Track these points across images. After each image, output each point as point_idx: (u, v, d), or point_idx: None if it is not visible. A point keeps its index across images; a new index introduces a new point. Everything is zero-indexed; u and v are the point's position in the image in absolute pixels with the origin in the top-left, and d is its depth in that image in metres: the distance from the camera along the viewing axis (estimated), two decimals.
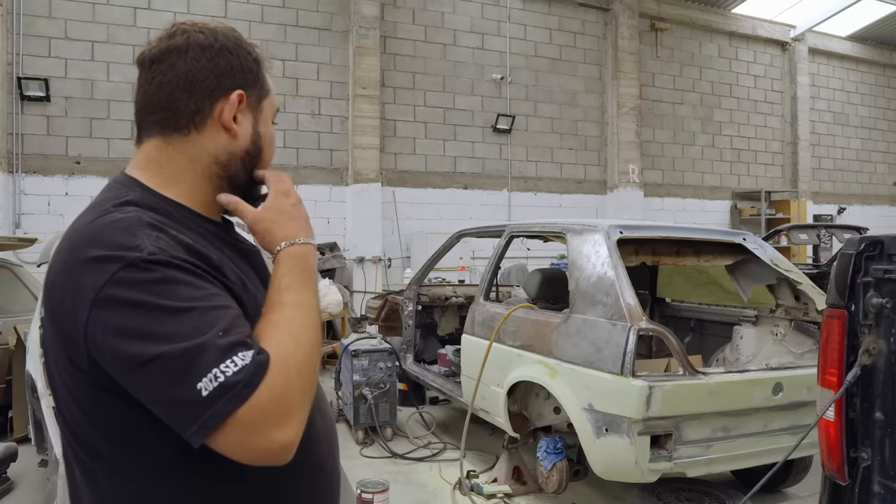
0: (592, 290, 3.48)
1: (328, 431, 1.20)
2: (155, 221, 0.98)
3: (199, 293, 0.93)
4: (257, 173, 1.17)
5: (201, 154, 1.10)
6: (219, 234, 1.13)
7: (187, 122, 1.08)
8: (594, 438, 3.20)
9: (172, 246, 0.95)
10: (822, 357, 1.61)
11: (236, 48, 1.13)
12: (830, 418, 1.53)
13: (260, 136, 1.15)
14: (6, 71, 8.13)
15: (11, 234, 7.90)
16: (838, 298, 1.55)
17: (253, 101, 1.14)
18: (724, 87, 13.28)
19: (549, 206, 11.38)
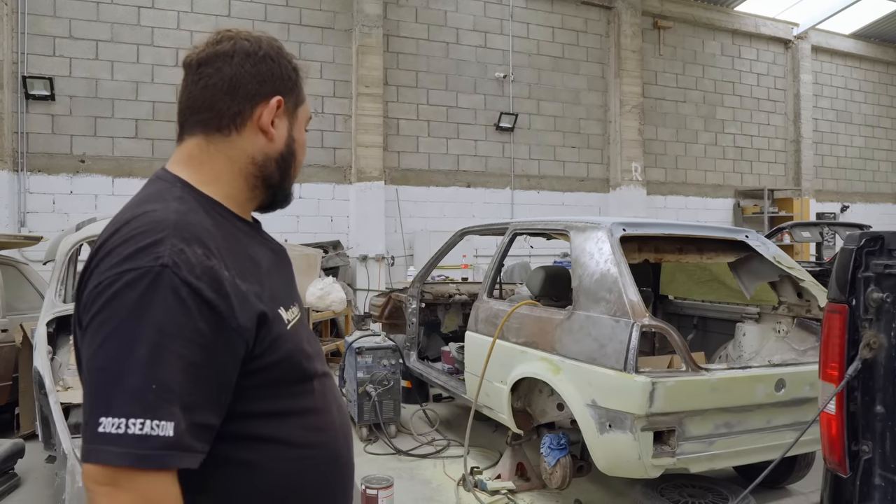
0: (595, 287, 3.50)
1: (344, 423, 1.26)
2: (186, 231, 1.01)
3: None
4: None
5: (240, 154, 1.16)
6: (250, 232, 1.20)
7: (229, 123, 1.15)
8: (597, 434, 3.22)
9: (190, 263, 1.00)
10: (824, 351, 1.62)
11: (278, 57, 1.20)
12: (832, 412, 1.55)
13: (294, 141, 1.22)
14: (11, 70, 8.16)
15: (17, 232, 7.94)
16: (839, 293, 1.57)
17: (290, 107, 1.21)
18: (726, 85, 13.28)
19: (551, 204, 11.39)
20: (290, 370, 1.11)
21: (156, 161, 8.92)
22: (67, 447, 3.14)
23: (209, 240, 1.02)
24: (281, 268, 1.23)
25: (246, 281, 1.05)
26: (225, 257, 1.03)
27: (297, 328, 1.15)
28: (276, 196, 1.23)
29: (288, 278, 1.25)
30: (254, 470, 1.05)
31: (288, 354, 1.10)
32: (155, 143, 8.97)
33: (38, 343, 3.92)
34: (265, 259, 1.17)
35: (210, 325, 0.96)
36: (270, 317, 1.07)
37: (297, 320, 1.16)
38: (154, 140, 8.97)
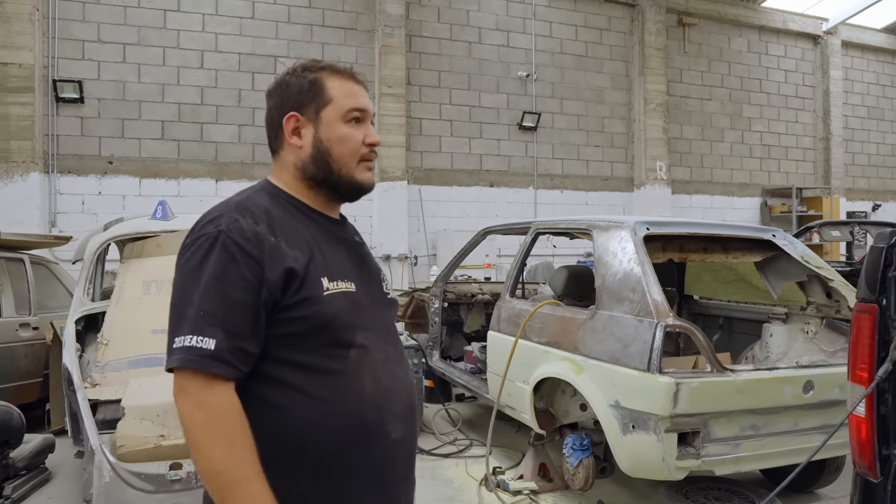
0: (619, 287, 3.46)
1: (378, 395, 1.35)
2: (246, 205, 1.34)
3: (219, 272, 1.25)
4: None
5: (288, 165, 1.45)
6: (325, 223, 1.44)
7: (275, 146, 1.47)
8: (621, 435, 3.19)
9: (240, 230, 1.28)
10: (853, 352, 1.58)
11: (293, 77, 1.45)
12: (861, 414, 1.51)
13: (322, 141, 1.41)
14: (42, 74, 8.33)
15: (47, 232, 8.10)
16: (869, 293, 1.53)
17: (311, 115, 1.41)
18: (753, 82, 13.08)
19: (575, 203, 11.31)
20: (321, 330, 1.29)
21: (181, 162, 9.04)
22: (95, 443, 3.19)
23: (262, 214, 1.32)
24: (349, 252, 1.45)
25: (291, 246, 1.30)
26: (275, 227, 1.31)
27: (340, 298, 1.32)
28: (336, 188, 1.44)
29: (356, 262, 1.44)
30: (281, 412, 1.27)
31: (318, 314, 1.28)
32: (181, 144, 9.09)
33: (67, 341, 3.99)
34: (327, 240, 1.40)
35: (252, 273, 1.24)
36: (301, 275, 1.28)
37: (342, 292, 1.32)
38: (180, 141, 9.09)
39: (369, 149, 1.44)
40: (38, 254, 6.18)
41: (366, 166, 1.45)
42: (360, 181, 1.44)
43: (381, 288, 1.51)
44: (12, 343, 5.19)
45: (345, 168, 1.42)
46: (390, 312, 1.53)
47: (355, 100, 1.44)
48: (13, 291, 5.38)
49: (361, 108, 1.44)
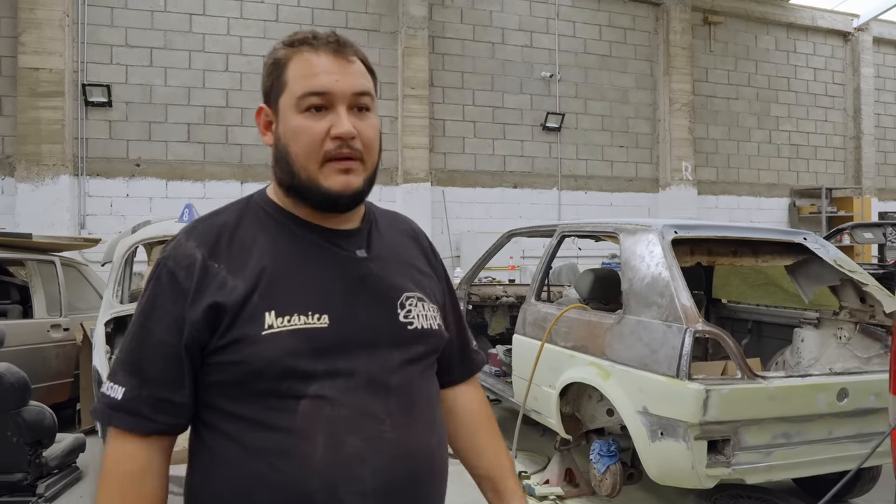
0: (646, 291, 3.42)
1: (332, 464, 1.04)
2: (199, 225, 1.15)
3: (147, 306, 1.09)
4: None
5: (271, 167, 1.19)
6: (305, 235, 1.14)
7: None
8: (649, 442, 3.14)
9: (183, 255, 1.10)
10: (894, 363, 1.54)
11: (266, 59, 1.18)
12: None
13: (279, 137, 1.12)
14: (72, 78, 8.46)
15: (77, 234, 8.23)
16: None
17: (274, 106, 1.14)
18: (781, 80, 12.86)
19: (599, 204, 11.22)
20: (256, 378, 1.03)
21: (207, 164, 9.13)
22: None
23: (211, 233, 1.11)
24: (339, 275, 1.12)
25: (233, 273, 1.07)
26: (220, 250, 1.09)
27: (286, 338, 1.03)
28: (302, 196, 1.13)
29: (348, 286, 1.12)
30: (219, 462, 1.07)
31: (250, 359, 1.02)
32: (206, 146, 9.18)
33: (96, 342, 4.05)
34: (304, 260, 1.11)
35: (178, 308, 1.05)
36: (232, 311, 1.03)
37: (292, 331, 1.04)
38: (205, 144, 9.18)
39: (338, 144, 1.08)
40: (68, 255, 6.27)
41: (336, 168, 1.10)
42: (326, 188, 1.10)
43: (390, 318, 1.15)
44: (44, 344, 5.28)
45: (303, 171, 1.10)
46: (405, 350, 1.14)
47: (312, 80, 1.09)
48: (45, 293, 5.47)
49: (320, 91, 1.08)
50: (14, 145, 8.24)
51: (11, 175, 8.23)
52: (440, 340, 1.22)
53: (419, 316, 1.18)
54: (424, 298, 1.21)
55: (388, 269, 1.19)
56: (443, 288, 1.33)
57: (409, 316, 1.17)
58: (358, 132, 1.10)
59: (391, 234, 1.26)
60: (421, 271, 1.27)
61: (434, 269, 1.32)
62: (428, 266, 1.31)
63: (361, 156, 1.11)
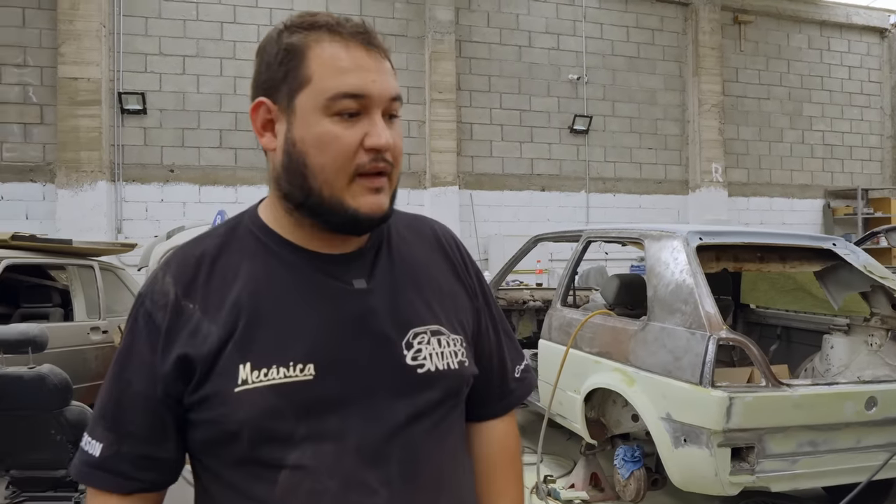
0: (671, 298, 3.43)
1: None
2: (178, 255, 0.98)
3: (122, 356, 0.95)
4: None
5: (270, 174, 0.98)
6: (296, 264, 0.96)
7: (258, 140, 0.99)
8: (672, 448, 3.16)
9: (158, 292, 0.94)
10: None
11: (268, 44, 0.96)
12: None
13: (294, 143, 0.91)
14: (108, 87, 8.72)
15: (114, 238, 8.47)
16: None
17: (283, 103, 0.92)
18: (814, 79, 12.65)
19: (628, 206, 11.17)
20: (229, 442, 0.89)
21: (238, 169, 9.31)
22: None
23: (188, 265, 0.94)
24: (334, 313, 0.94)
25: (208, 315, 0.91)
26: (196, 286, 0.93)
27: (261, 396, 0.87)
28: (319, 216, 0.94)
29: (345, 327, 0.94)
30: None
31: (222, 420, 0.88)
32: (238, 152, 9.37)
33: None
34: (292, 297, 0.94)
35: (153, 354, 0.91)
36: (203, 363, 0.89)
37: (270, 386, 0.88)
38: (237, 149, 9.37)
39: (373, 157, 0.91)
40: (106, 260, 6.47)
41: (367, 186, 0.92)
42: (353, 210, 0.92)
43: (393, 362, 0.95)
44: (84, 346, 5.46)
45: (327, 187, 0.91)
46: (412, 400, 0.95)
47: (347, 79, 0.90)
48: (84, 297, 5.65)
49: (357, 93, 0.90)
50: (54, 152, 8.52)
51: (52, 181, 8.51)
52: (461, 381, 1.02)
53: (432, 355, 0.97)
54: (442, 330, 1.00)
55: (394, 300, 0.98)
56: (475, 305, 1.11)
57: (419, 357, 0.96)
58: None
59: (408, 249, 1.05)
60: (442, 291, 1.05)
61: (464, 281, 1.10)
62: (455, 280, 1.08)
63: (391, 171, 0.94)
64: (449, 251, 1.11)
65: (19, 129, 8.53)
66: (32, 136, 8.57)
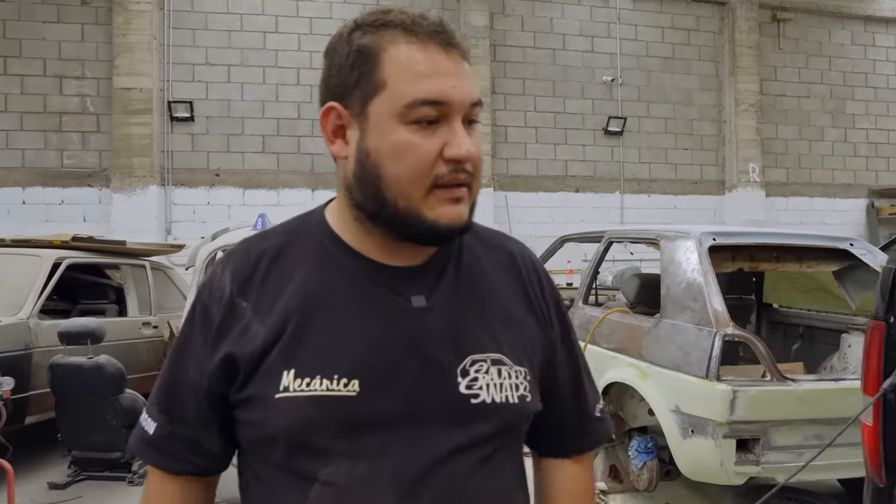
0: (682, 296, 3.57)
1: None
2: (240, 249, 0.97)
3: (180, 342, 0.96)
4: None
5: (340, 181, 0.93)
6: (355, 274, 0.92)
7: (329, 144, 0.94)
8: (681, 439, 3.31)
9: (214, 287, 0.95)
10: (865, 366, 1.70)
11: (338, 43, 0.90)
12: (869, 423, 1.63)
13: (367, 152, 0.86)
14: (159, 96, 9.20)
15: (164, 240, 8.94)
16: (878, 311, 1.65)
17: (356, 109, 0.87)
18: (858, 76, 12.41)
19: (663, 207, 11.18)
20: (269, 446, 0.88)
21: (280, 173, 9.70)
22: None
23: (249, 261, 0.93)
24: (387, 328, 0.89)
25: (259, 315, 0.90)
26: (253, 283, 0.92)
27: (301, 406, 0.85)
28: (393, 227, 0.89)
29: (395, 343, 0.89)
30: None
31: (262, 424, 0.87)
32: (280, 156, 9.75)
33: None
34: (350, 306, 0.90)
35: (207, 348, 0.91)
36: (247, 364, 0.88)
37: (311, 397, 0.85)
38: (279, 154, 9.75)
39: (452, 167, 0.85)
40: (156, 260, 6.88)
41: (446, 197, 0.87)
42: (431, 221, 0.86)
43: (446, 389, 0.89)
44: (136, 339, 5.86)
45: (402, 199, 0.86)
46: (463, 430, 0.89)
47: (426, 85, 0.85)
48: (136, 294, 6.06)
49: (437, 100, 0.84)
50: (110, 159, 9.04)
51: (107, 186, 9.03)
52: (519, 416, 0.94)
53: (490, 385, 0.90)
54: (504, 360, 0.93)
55: (454, 322, 0.92)
56: (549, 336, 1.02)
57: (474, 386, 0.90)
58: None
59: (479, 269, 0.99)
60: (510, 319, 0.97)
61: (537, 310, 1.02)
62: (527, 308, 1.00)
63: (471, 181, 0.89)
64: (524, 275, 1.03)
65: (78, 138, 9.08)
66: (90, 143, 9.11)
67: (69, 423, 4.57)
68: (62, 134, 9.05)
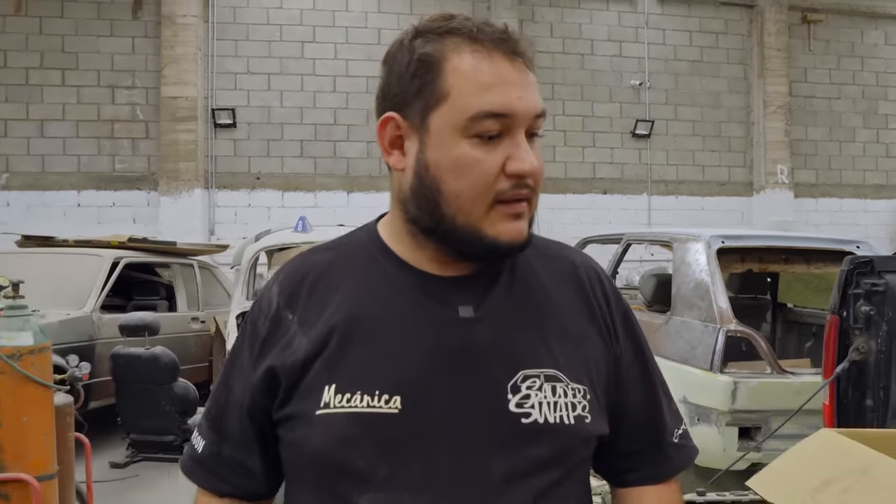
0: (690, 295, 3.84)
1: None
2: (293, 263, 0.96)
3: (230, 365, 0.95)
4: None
5: (394, 193, 0.90)
6: (406, 285, 0.88)
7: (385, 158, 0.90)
8: (687, 428, 3.58)
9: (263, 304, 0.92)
10: (824, 354, 1.96)
11: (398, 52, 0.87)
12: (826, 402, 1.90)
13: (427, 166, 0.83)
14: (203, 104, 9.70)
15: (207, 240, 9.44)
16: (834, 306, 1.91)
17: (416, 120, 0.84)
18: (891, 76, 12.34)
19: (690, 209, 11.29)
20: (308, 470, 0.85)
21: (318, 177, 10.13)
22: None
23: (300, 274, 0.91)
24: (434, 342, 0.84)
25: (304, 327, 0.86)
26: (300, 297, 0.89)
27: (341, 423, 0.80)
28: (450, 243, 0.85)
29: (443, 359, 0.83)
30: None
31: (301, 444, 0.83)
32: (317, 160, 10.18)
33: (229, 333, 4.93)
34: (401, 319, 0.86)
35: (251, 358, 0.89)
36: (289, 378, 0.84)
37: (351, 414, 0.80)
38: (316, 158, 10.18)
39: (514, 182, 0.82)
40: (203, 259, 7.35)
41: (507, 212, 0.83)
42: (492, 238, 0.83)
43: (495, 407, 0.83)
44: (186, 333, 6.32)
45: (462, 215, 0.83)
46: (513, 454, 0.82)
47: (490, 97, 0.81)
48: (185, 291, 6.53)
49: (501, 112, 0.81)
50: (157, 164, 9.57)
51: (155, 189, 9.56)
52: (577, 440, 0.86)
53: (543, 404, 0.83)
54: (560, 376, 0.85)
55: (504, 335, 0.86)
56: (614, 351, 0.93)
57: (526, 404, 0.83)
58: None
59: (535, 279, 0.93)
60: (567, 332, 0.90)
61: (600, 323, 0.93)
62: (589, 321, 0.92)
63: (532, 196, 0.86)
64: (587, 286, 0.95)
65: (128, 144, 9.64)
66: (139, 149, 9.66)
67: (128, 408, 5.03)
68: (114, 140, 9.61)
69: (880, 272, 1.84)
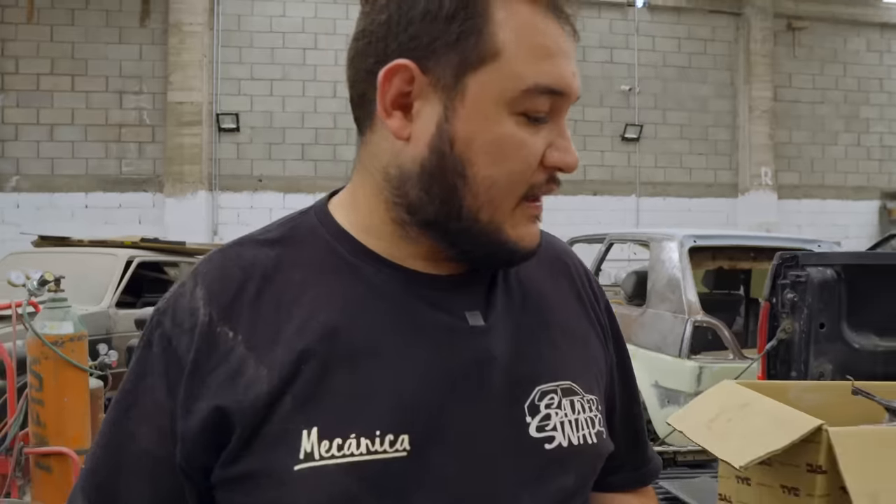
0: (664, 289, 4.22)
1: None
2: (214, 261, 0.69)
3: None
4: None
5: (373, 164, 0.67)
6: (381, 283, 0.66)
7: (358, 112, 0.69)
8: (659, 409, 3.97)
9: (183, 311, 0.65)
10: (759, 334, 2.34)
11: None
12: (761, 375, 2.27)
13: (453, 140, 0.62)
14: (208, 109, 10.05)
15: (211, 241, 9.77)
16: (766, 294, 2.29)
17: (445, 76, 0.62)
18: (873, 82, 12.76)
19: (677, 210, 11.67)
20: None
21: (318, 179, 10.48)
22: None
23: (229, 281, 0.65)
24: (437, 359, 0.64)
25: (256, 351, 0.62)
26: (242, 306, 0.64)
27: (334, 479, 0.58)
28: (457, 243, 0.66)
29: (451, 379, 0.64)
30: None
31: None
32: (317, 163, 10.54)
33: None
34: (364, 335, 0.63)
35: (171, 399, 0.62)
36: (246, 422, 0.59)
37: (349, 464, 0.59)
38: (317, 161, 10.54)
39: (549, 176, 0.66)
40: None
41: (531, 213, 0.67)
42: (513, 242, 0.66)
43: (516, 435, 0.66)
44: None
45: (488, 209, 0.64)
46: (540, 488, 0.65)
47: (552, 65, 0.63)
48: None
49: (559, 89, 0.63)
50: (163, 166, 9.93)
51: (161, 191, 9.91)
52: (598, 461, 0.73)
53: (564, 423, 0.68)
54: (575, 388, 0.70)
55: (516, 344, 0.69)
56: (608, 354, 0.80)
57: (547, 426, 0.67)
58: None
59: (529, 274, 0.75)
60: (573, 334, 0.76)
61: (595, 324, 0.79)
62: (587, 321, 0.78)
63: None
64: (577, 280, 0.80)
65: (135, 147, 9.99)
66: (146, 152, 10.01)
67: None
68: (121, 144, 9.96)
69: (803, 265, 2.20)
